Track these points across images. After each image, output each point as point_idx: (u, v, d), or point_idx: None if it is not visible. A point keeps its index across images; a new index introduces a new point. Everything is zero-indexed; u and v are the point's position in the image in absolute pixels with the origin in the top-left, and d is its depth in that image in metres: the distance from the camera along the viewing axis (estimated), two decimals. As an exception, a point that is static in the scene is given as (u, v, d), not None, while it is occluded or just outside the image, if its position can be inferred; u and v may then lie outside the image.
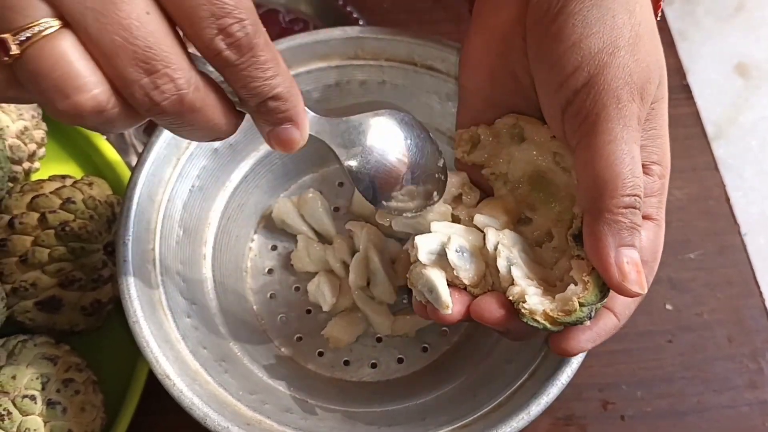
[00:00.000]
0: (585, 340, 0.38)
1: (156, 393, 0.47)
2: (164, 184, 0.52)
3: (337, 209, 0.61)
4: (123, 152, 0.66)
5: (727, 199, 0.68)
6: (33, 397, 0.49)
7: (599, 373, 0.60)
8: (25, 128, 0.59)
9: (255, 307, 0.58)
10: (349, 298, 0.55)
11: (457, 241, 0.41)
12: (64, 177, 0.58)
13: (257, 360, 0.53)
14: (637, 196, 0.35)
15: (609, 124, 0.35)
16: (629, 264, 0.35)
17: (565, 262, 0.40)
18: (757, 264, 0.65)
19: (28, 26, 0.28)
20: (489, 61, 0.42)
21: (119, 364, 0.57)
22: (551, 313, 0.37)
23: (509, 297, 0.38)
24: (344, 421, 0.50)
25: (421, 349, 0.56)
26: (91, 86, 0.28)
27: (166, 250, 0.52)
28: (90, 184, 0.58)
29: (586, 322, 0.37)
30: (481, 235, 0.42)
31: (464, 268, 0.40)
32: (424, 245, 0.41)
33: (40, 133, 0.61)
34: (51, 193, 0.55)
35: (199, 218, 0.56)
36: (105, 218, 0.56)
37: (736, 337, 0.62)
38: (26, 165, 0.61)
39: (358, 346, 0.56)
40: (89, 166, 0.66)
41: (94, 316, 0.56)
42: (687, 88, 0.73)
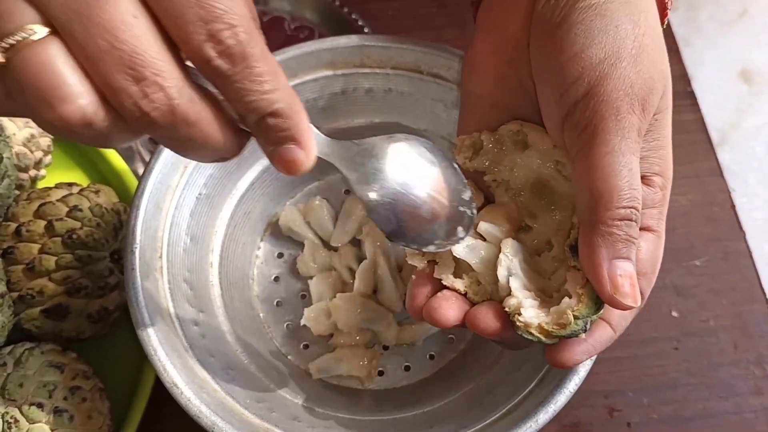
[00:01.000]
0: (580, 352, 0.38)
1: (162, 400, 0.47)
2: (171, 192, 0.52)
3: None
4: (129, 160, 0.66)
5: (732, 205, 0.68)
6: (40, 405, 0.49)
7: (605, 379, 0.60)
8: (32, 136, 0.59)
9: (262, 315, 0.58)
10: (354, 317, 0.55)
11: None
12: (70, 184, 0.58)
13: (264, 368, 0.53)
14: (634, 209, 0.35)
15: (607, 136, 0.35)
16: (623, 277, 0.35)
17: (563, 272, 0.40)
18: (762, 270, 0.65)
19: (14, 32, 0.26)
20: (496, 66, 0.42)
21: (126, 371, 0.57)
22: (546, 327, 0.37)
23: (505, 308, 0.38)
24: (351, 430, 0.50)
25: (428, 357, 0.56)
26: (77, 96, 0.27)
27: (174, 258, 0.52)
28: (97, 192, 0.58)
29: (581, 335, 0.37)
30: (481, 241, 0.42)
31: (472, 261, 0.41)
32: None
33: (46, 141, 0.61)
34: (58, 200, 0.55)
35: (206, 226, 0.56)
36: (112, 226, 0.56)
37: (741, 343, 0.62)
38: (33, 172, 0.61)
39: (364, 354, 0.56)
40: (95, 174, 0.66)
41: (101, 324, 0.56)
42: (691, 95, 0.73)
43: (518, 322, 0.37)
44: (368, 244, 0.56)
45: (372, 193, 0.36)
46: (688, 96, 0.73)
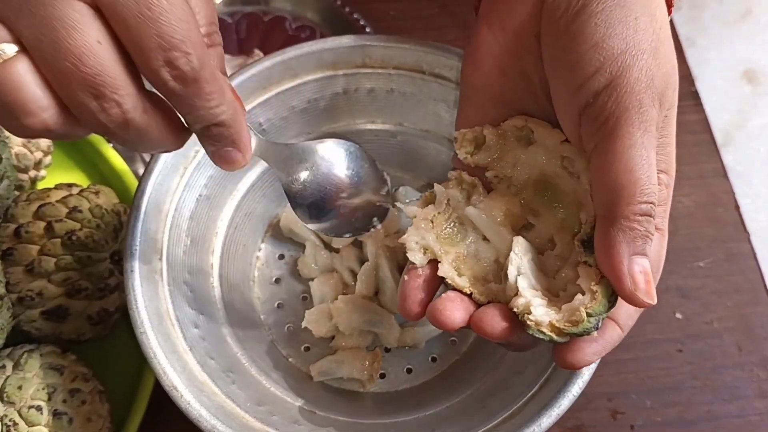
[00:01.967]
0: (591, 353, 0.37)
1: (163, 402, 0.47)
2: (171, 194, 0.52)
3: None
4: (130, 160, 0.66)
5: (736, 206, 0.68)
6: (39, 408, 0.49)
7: (608, 382, 0.60)
8: (32, 136, 0.59)
9: (262, 317, 0.58)
10: (356, 319, 0.55)
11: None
12: (70, 185, 0.58)
13: (265, 370, 0.53)
14: (652, 204, 0.35)
15: (630, 129, 0.35)
16: (641, 273, 0.35)
17: (568, 271, 0.39)
18: (767, 271, 0.65)
19: None
20: (500, 58, 0.41)
21: (126, 372, 0.56)
22: (557, 324, 0.36)
23: (514, 309, 0.37)
24: (353, 433, 0.50)
25: (430, 360, 0.56)
26: (41, 110, 0.30)
27: (174, 260, 0.51)
28: (96, 193, 0.57)
29: (593, 333, 0.36)
30: (488, 244, 0.41)
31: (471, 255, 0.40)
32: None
33: (46, 142, 0.61)
34: (57, 201, 0.55)
35: (207, 227, 0.56)
36: (112, 227, 0.56)
37: (746, 345, 0.62)
38: (32, 173, 0.61)
39: (366, 356, 0.56)
40: (96, 175, 0.66)
41: (101, 325, 0.55)
42: (695, 95, 0.73)
43: (529, 321, 0.36)
44: (370, 245, 0.56)
45: (294, 185, 0.42)
46: (691, 96, 0.73)
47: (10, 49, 0.30)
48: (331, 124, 0.59)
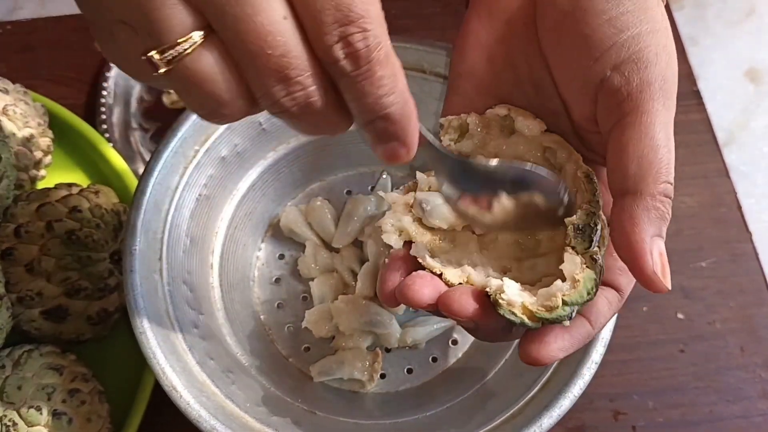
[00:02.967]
0: (557, 348, 0.36)
1: (163, 402, 0.47)
2: (171, 193, 0.52)
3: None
4: (130, 160, 0.66)
5: (739, 207, 0.68)
6: (39, 408, 0.49)
7: (610, 382, 0.60)
8: (31, 136, 0.59)
9: (262, 317, 0.57)
10: (355, 319, 0.54)
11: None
12: (70, 185, 0.58)
13: (265, 371, 0.53)
14: (672, 185, 0.34)
15: (654, 104, 0.34)
16: (660, 255, 0.33)
17: (542, 262, 0.38)
18: (770, 272, 0.65)
19: (175, 43, 0.27)
20: (488, 47, 0.41)
21: (125, 373, 0.56)
22: (531, 307, 0.35)
23: (486, 290, 0.36)
24: (353, 434, 0.50)
25: (431, 360, 0.56)
26: (232, 103, 0.29)
27: (173, 260, 0.51)
28: (96, 193, 0.57)
29: (565, 322, 0.35)
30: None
31: (436, 217, 0.39)
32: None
33: (46, 141, 0.61)
34: (57, 201, 0.55)
35: (207, 227, 0.56)
36: (112, 227, 0.56)
37: (749, 346, 0.62)
38: (32, 173, 0.61)
39: (366, 357, 0.56)
40: (96, 174, 0.66)
41: (101, 325, 0.55)
42: (697, 94, 0.72)
43: (500, 300, 0.35)
44: (370, 245, 0.55)
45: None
46: (694, 95, 0.73)
47: (197, 36, 0.28)
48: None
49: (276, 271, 0.59)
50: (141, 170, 0.65)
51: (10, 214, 0.55)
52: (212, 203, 0.56)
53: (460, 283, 0.38)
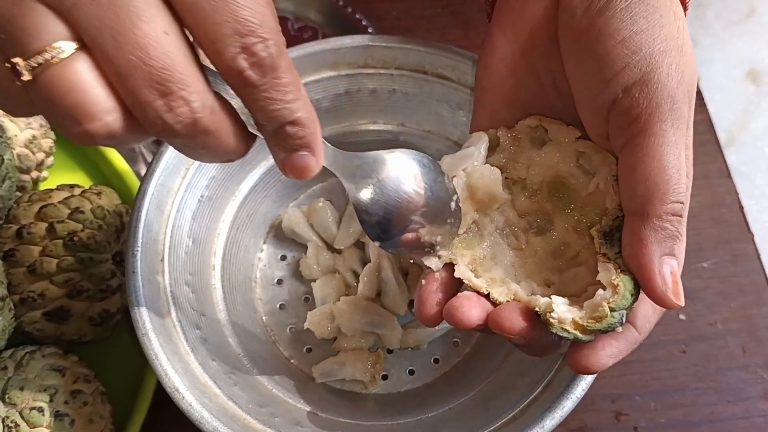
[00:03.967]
0: (606, 355, 0.36)
1: (165, 403, 0.47)
2: (173, 194, 0.52)
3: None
4: (132, 161, 0.66)
5: (740, 207, 0.68)
6: (41, 409, 0.49)
7: (612, 383, 0.60)
8: (33, 137, 0.59)
9: (264, 318, 0.57)
10: (357, 320, 0.54)
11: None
12: (72, 186, 0.58)
13: (267, 372, 0.53)
14: (683, 204, 0.34)
15: (662, 126, 0.34)
16: (671, 274, 0.34)
17: (582, 273, 0.39)
18: (771, 272, 0.65)
19: (42, 51, 0.27)
20: (512, 59, 0.41)
21: (127, 373, 0.56)
22: (581, 322, 0.35)
23: (536, 308, 0.37)
24: (355, 435, 0.50)
25: (433, 361, 0.56)
26: (104, 114, 0.28)
27: (175, 261, 0.51)
28: (98, 194, 0.57)
29: (617, 329, 0.35)
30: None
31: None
32: None
33: (48, 142, 0.61)
34: (59, 202, 0.55)
35: (209, 228, 0.55)
36: (113, 228, 0.56)
37: (750, 346, 0.62)
38: (34, 174, 0.61)
39: (368, 357, 0.56)
40: (98, 176, 0.66)
41: (102, 327, 0.55)
42: (699, 95, 0.72)
43: (551, 319, 0.35)
44: (372, 246, 0.55)
45: (363, 198, 0.38)
46: (695, 96, 0.73)
47: (68, 47, 0.27)
48: (334, 125, 0.58)
49: (278, 273, 0.59)
50: (142, 171, 0.65)
51: (12, 216, 0.55)
52: (214, 205, 0.56)
53: (507, 301, 0.38)
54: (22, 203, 0.56)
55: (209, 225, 0.55)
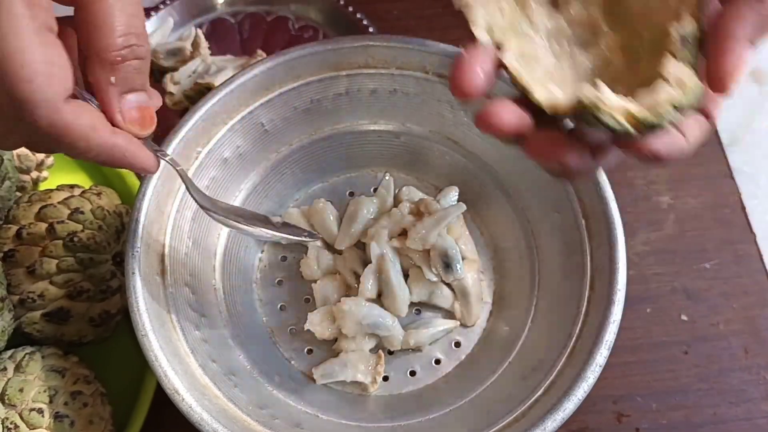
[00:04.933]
0: (670, 142, 0.33)
1: (165, 404, 0.47)
2: (173, 195, 0.52)
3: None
4: (131, 161, 0.66)
5: (743, 208, 0.67)
6: (40, 410, 0.49)
7: (613, 384, 0.60)
8: (34, 137, 0.59)
9: (265, 319, 0.57)
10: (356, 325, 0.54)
11: None
12: (72, 186, 0.58)
13: (267, 373, 0.53)
14: None
15: None
16: (745, 64, 0.33)
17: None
18: (774, 273, 0.65)
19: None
20: None
21: (128, 374, 0.56)
22: (636, 113, 0.31)
23: (581, 99, 0.32)
24: (355, 437, 0.50)
25: (434, 362, 0.56)
26: None
27: (175, 262, 0.51)
28: (98, 194, 0.57)
29: (666, 125, 0.31)
30: None
31: None
32: None
33: (48, 143, 0.61)
34: (59, 203, 0.55)
35: (209, 229, 0.55)
36: (114, 228, 0.56)
37: (753, 347, 0.62)
38: (34, 174, 0.61)
39: (369, 359, 0.56)
40: (97, 176, 0.66)
41: (103, 327, 0.55)
42: (701, 95, 0.72)
43: (602, 105, 0.31)
44: (373, 247, 0.55)
45: None
46: (697, 96, 0.72)
47: None
48: (334, 125, 0.58)
49: (278, 273, 0.59)
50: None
51: (12, 216, 0.55)
52: (214, 205, 0.56)
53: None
54: (22, 203, 0.56)
55: (209, 226, 0.55)
